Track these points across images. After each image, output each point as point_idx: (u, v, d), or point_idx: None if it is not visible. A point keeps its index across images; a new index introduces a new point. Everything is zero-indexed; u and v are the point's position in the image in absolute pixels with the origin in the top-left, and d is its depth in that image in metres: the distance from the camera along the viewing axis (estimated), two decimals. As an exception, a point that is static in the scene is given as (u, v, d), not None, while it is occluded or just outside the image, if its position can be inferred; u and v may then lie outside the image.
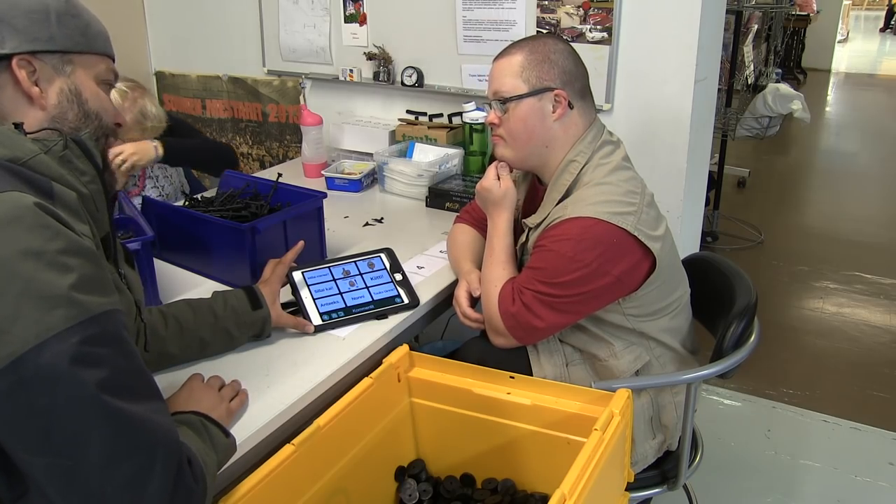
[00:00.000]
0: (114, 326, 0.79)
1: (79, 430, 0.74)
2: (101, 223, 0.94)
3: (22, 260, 0.74)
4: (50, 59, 0.92)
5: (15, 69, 0.89)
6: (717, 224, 4.13)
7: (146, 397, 0.81)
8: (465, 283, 1.56)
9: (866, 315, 3.28)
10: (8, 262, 0.73)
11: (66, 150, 0.88)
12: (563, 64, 1.45)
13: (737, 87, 4.25)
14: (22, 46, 0.89)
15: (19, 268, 0.73)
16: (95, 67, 0.98)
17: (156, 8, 3.08)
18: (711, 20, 2.08)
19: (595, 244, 1.35)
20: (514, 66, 1.45)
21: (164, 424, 0.82)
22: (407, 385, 1.37)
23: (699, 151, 2.24)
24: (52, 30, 0.92)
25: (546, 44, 1.46)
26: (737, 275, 1.62)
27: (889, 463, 2.29)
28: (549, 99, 1.44)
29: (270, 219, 1.63)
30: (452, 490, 1.36)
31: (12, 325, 0.72)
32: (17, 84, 0.90)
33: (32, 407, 0.72)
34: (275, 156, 2.98)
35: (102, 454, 0.75)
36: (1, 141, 0.84)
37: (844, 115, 7.90)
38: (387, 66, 2.50)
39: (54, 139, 0.88)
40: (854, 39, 13.54)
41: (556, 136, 1.46)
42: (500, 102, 1.47)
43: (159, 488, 0.78)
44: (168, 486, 0.78)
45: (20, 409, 0.72)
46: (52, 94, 0.93)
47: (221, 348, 1.32)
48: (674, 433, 1.51)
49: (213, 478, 0.94)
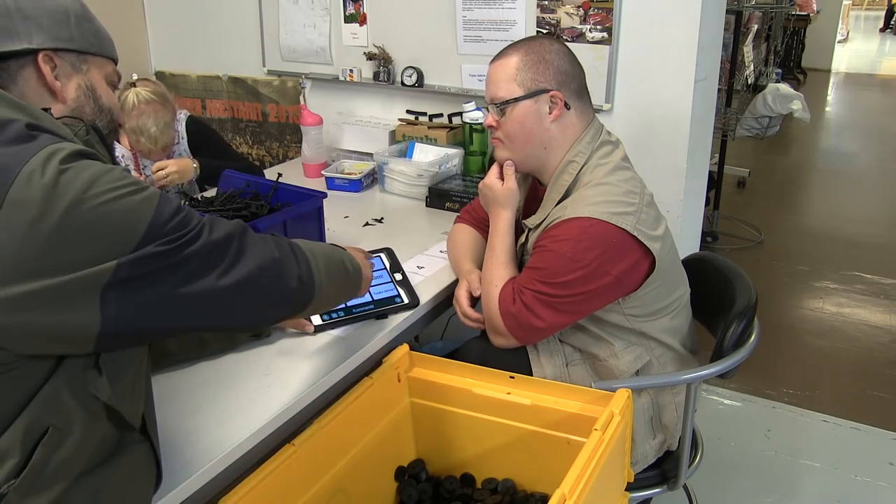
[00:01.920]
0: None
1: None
2: None
3: (107, 174, 0.77)
4: (69, 56, 0.98)
5: (41, 63, 0.95)
6: (717, 224, 4.13)
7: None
8: (465, 282, 1.56)
9: (866, 315, 3.28)
10: (101, 175, 0.76)
11: (88, 136, 0.93)
12: (558, 64, 1.45)
13: (737, 87, 4.25)
14: (47, 43, 0.95)
15: (109, 177, 0.76)
16: (105, 68, 1.05)
17: (156, 8, 3.08)
18: (711, 20, 2.08)
19: (595, 244, 1.35)
20: (509, 69, 1.45)
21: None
22: (407, 385, 1.37)
23: (699, 151, 2.24)
24: (72, 30, 0.98)
25: (542, 45, 1.46)
26: (737, 275, 1.62)
27: (889, 463, 2.29)
28: (545, 100, 1.44)
29: (270, 219, 1.63)
30: (452, 490, 1.36)
31: (136, 219, 0.76)
32: (41, 77, 0.96)
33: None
34: (275, 156, 2.98)
35: (248, 265, 0.85)
36: (42, 119, 0.87)
37: (844, 115, 7.90)
38: (387, 66, 2.50)
39: (79, 124, 0.93)
40: (854, 39, 13.54)
41: (554, 136, 1.46)
42: (497, 106, 1.47)
43: (287, 252, 0.93)
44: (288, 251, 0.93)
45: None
46: (71, 90, 0.99)
47: (221, 347, 1.32)
48: (674, 433, 1.51)
49: (332, 278, 1.04)
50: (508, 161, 1.52)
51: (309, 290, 0.98)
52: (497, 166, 1.55)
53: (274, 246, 0.91)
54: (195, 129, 2.31)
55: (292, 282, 0.93)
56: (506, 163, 1.52)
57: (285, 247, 0.94)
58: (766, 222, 4.34)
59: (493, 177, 1.54)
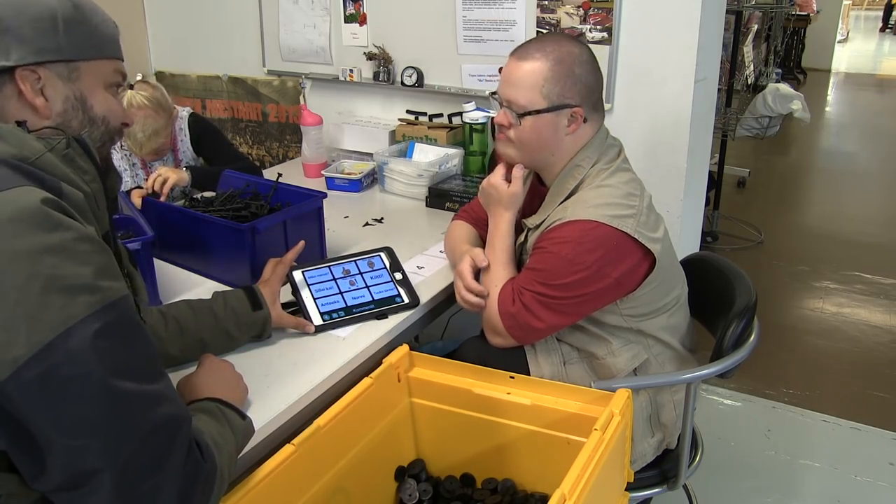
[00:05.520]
0: (129, 310, 0.83)
1: (101, 410, 0.77)
2: (102, 221, 0.95)
3: (43, 254, 0.76)
4: (56, 68, 0.91)
5: (18, 81, 0.89)
6: (717, 224, 4.13)
7: (160, 376, 0.85)
8: (468, 258, 1.50)
9: (866, 315, 3.28)
10: (29, 258, 0.76)
11: (68, 149, 0.89)
12: (585, 80, 1.40)
13: (737, 87, 4.25)
14: (27, 58, 0.88)
15: (42, 262, 0.76)
16: (103, 72, 0.96)
17: (156, 8, 3.08)
18: (711, 20, 2.08)
19: (595, 247, 1.35)
20: (535, 77, 1.38)
21: (179, 401, 0.87)
22: (407, 385, 1.37)
23: (699, 151, 2.24)
24: (59, 39, 0.90)
25: (571, 54, 1.39)
26: (737, 275, 1.62)
27: (889, 463, 2.29)
28: (565, 115, 1.41)
29: (270, 219, 1.63)
30: (452, 490, 1.36)
31: (41, 313, 0.75)
32: (22, 95, 0.90)
33: (62, 389, 0.75)
34: (275, 156, 2.98)
35: (125, 432, 0.78)
36: (8, 139, 0.84)
37: (844, 115, 7.90)
38: (387, 66, 2.50)
39: (58, 137, 0.89)
40: (854, 39, 13.53)
41: (565, 146, 1.44)
42: (515, 112, 1.42)
43: (177, 460, 0.82)
44: (182, 458, 0.83)
45: (50, 392, 0.75)
46: (58, 103, 0.92)
47: (221, 349, 1.32)
48: (673, 432, 1.51)
49: (232, 460, 0.98)
50: (520, 165, 1.49)
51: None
52: (504, 167, 1.51)
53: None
54: (198, 126, 2.30)
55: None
56: (517, 166, 1.49)
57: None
58: (766, 222, 4.34)
59: (500, 177, 1.50)
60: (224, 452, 0.94)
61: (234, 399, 1.10)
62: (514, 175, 1.50)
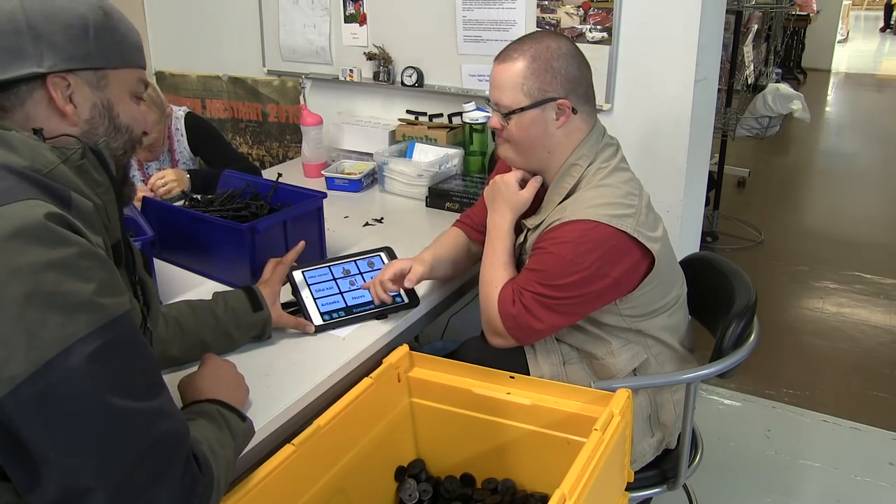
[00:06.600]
0: (130, 327, 0.83)
1: (98, 429, 0.77)
2: (113, 231, 0.94)
3: (44, 270, 0.76)
4: (86, 75, 0.91)
5: (50, 88, 0.89)
6: (717, 224, 4.13)
7: (159, 391, 0.85)
8: (409, 262, 1.50)
9: (866, 315, 3.28)
10: (30, 274, 0.75)
11: (83, 160, 0.89)
12: (566, 71, 1.41)
13: (737, 87, 4.25)
14: (59, 65, 0.89)
15: (43, 279, 0.75)
16: (128, 80, 0.97)
17: (156, 8, 3.08)
18: (711, 20, 2.08)
19: (595, 247, 1.35)
20: (514, 75, 1.40)
21: (178, 416, 0.86)
22: (407, 385, 1.37)
23: (699, 151, 2.24)
24: (90, 46, 0.91)
25: (549, 49, 1.40)
26: (736, 275, 1.62)
27: (889, 463, 2.29)
28: (552, 108, 1.41)
29: (270, 219, 1.63)
30: (452, 490, 1.36)
31: (41, 331, 0.74)
32: (52, 101, 0.90)
33: (60, 407, 0.75)
34: (275, 156, 2.98)
35: (122, 451, 0.78)
36: (21, 150, 0.84)
37: (844, 115, 7.90)
38: (387, 66, 2.50)
39: (73, 147, 0.88)
40: (854, 39, 13.53)
41: (560, 141, 1.44)
42: (501, 113, 1.43)
43: (174, 476, 0.82)
44: (180, 473, 0.83)
45: (48, 410, 0.75)
46: (86, 110, 0.92)
47: (222, 350, 1.32)
48: (672, 431, 1.52)
49: (230, 465, 0.98)
50: (538, 177, 1.49)
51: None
52: (519, 172, 1.50)
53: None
54: (195, 126, 2.29)
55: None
56: (535, 177, 1.49)
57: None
58: (766, 222, 4.34)
59: (515, 178, 1.49)
60: (222, 460, 0.94)
61: (236, 401, 1.09)
62: (529, 183, 1.49)
